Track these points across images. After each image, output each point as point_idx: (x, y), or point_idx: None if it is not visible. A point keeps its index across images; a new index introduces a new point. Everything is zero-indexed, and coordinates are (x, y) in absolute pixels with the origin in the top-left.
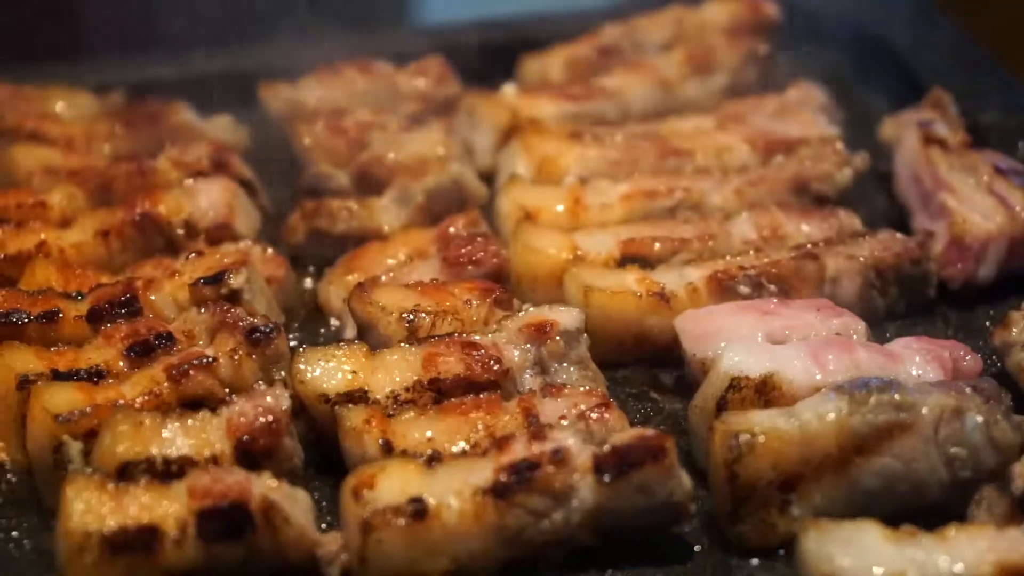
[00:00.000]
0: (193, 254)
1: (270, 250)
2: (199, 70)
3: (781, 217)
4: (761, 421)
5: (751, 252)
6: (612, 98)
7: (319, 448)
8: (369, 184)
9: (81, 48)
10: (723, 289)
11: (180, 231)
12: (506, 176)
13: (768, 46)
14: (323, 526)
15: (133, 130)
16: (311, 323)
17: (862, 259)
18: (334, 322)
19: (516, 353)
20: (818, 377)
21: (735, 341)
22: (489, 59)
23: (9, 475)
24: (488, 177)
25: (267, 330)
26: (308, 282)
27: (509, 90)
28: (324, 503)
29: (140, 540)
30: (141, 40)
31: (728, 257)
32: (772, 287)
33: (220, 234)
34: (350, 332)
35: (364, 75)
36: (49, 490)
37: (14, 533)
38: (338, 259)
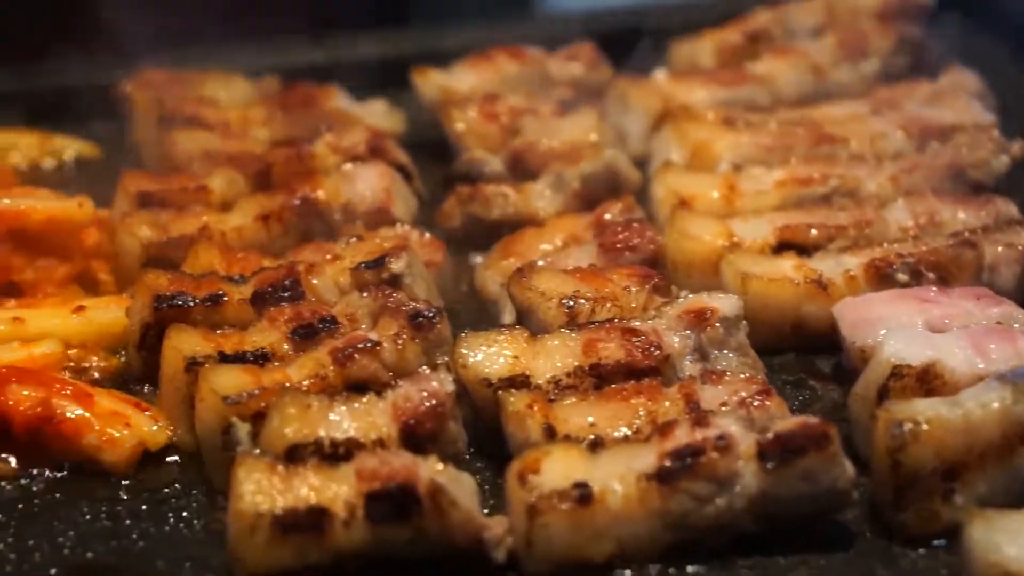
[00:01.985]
0: (354, 238)
1: (427, 235)
2: (349, 55)
3: (937, 204)
4: (924, 410)
5: (908, 240)
6: (763, 84)
7: (479, 432)
8: (522, 170)
9: (234, 33)
10: (881, 277)
11: (338, 216)
12: (659, 162)
13: (919, 30)
14: (485, 510)
15: (289, 115)
16: (468, 307)
17: (1020, 247)
18: (491, 307)
19: (676, 339)
20: (980, 366)
21: (895, 329)
22: (638, 44)
23: (177, 456)
24: (639, 162)
25: (430, 314)
26: (463, 267)
27: (660, 76)
28: (486, 487)
29: (310, 521)
30: (290, 25)
31: (885, 244)
32: (930, 275)
33: (378, 219)
34: (508, 317)
35: (516, 61)
36: (218, 471)
37: (184, 513)
38: (494, 244)
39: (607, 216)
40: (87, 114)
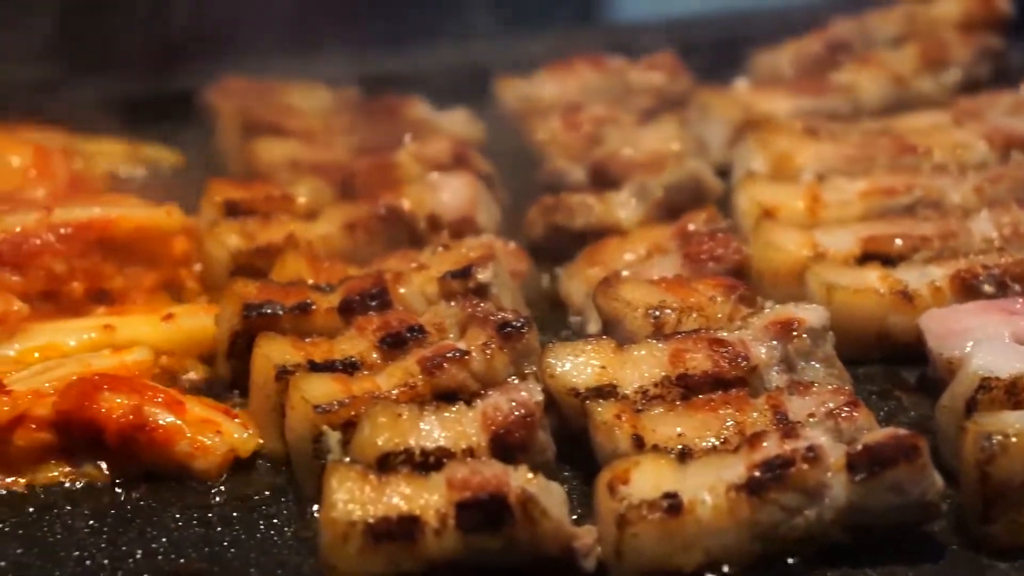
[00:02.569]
0: (440, 248)
1: (512, 244)
2: (427, 63)
3: (1021, 215)
4: (1013, 422)
5: (993, 251)
6: (844, 93)
7: (565, 441)
8: (604, 179)
9: (314, 42)
10: (966, 288)
11: (423, 225)
12: (741, 172)
13: (1001, 40)
14: (572, 518)
15: (371, 124)
16: (552, 317)
17: None
18: (574, 316)
19: (763, 350)
20: None
21: (982, 341)
22: (718, 54)
23: (268, 464)
24: (719, 172)
25: (518, 324)
26: (546, 276)
27: (741, 85)
28: (573, 496)
29: (402, 530)
30: (371, 34)
31: (970, 255)
32: (1016, 286)
33: (463, 228)
34: (593, 326)
35: (597, 70)
36: (308, 479)
37: (275, 520)
38: (577, 253)
39: (691, 226)
40: (171, 122)
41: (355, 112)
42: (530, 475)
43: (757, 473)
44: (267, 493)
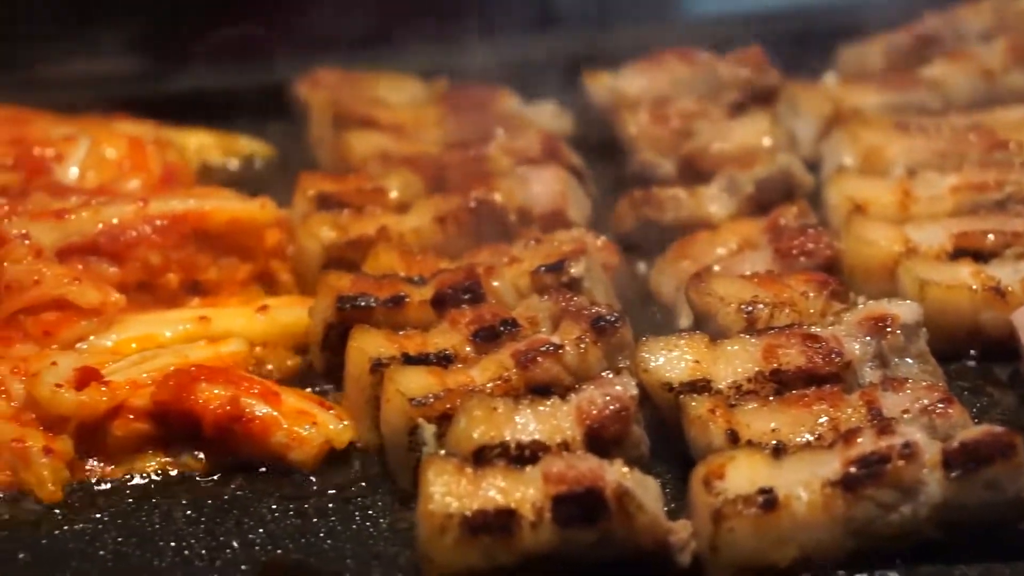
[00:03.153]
0: (532, 241)
1: (602, 237)
2: (514, 56)
3: None
4: None
5: None
6: (934, 88)
7: (657, 435)
8: (694, 173)
9: (403, 33)
10: None
11: (514, 218)
12: (831, 166)
13: None
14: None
15: (460, 117)
16: (642, 310)
17: None
18: (665, 310)
19: (856, 346)
20: None
21: None
22: (805, 47)
23: (361, 455)
24: (809, 167)
25: (612, 319)
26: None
27: (830, 79)
28: (666, 489)
29: (498, 523)
30: (459, 26)
31: None
32: None
33: (553, 221)
34: (684, 321)
35: (685, 63)
36: (402, 471)
37: (370, 511)
38: (665, 247)
39: (782, 221)
40: (262, 114)
41: (444, 104)
42: (625, 469)
43: (853, 469)
44: (362, 484)
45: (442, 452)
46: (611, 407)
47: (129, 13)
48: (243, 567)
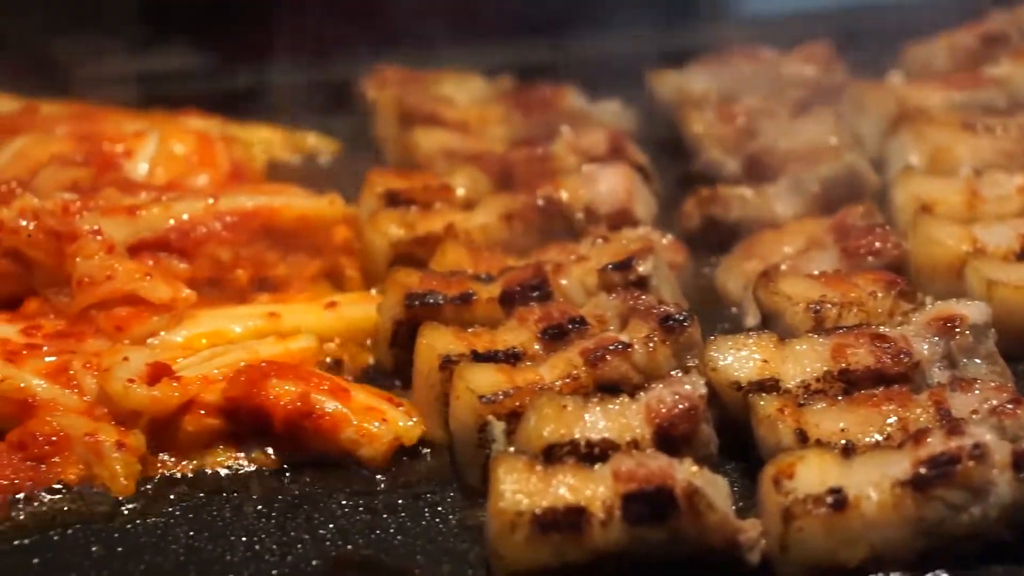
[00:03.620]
0: (599, 239)
1: (669, 236)
2: (575, 53)
3: None
4: None
5: None
6: (1000, 87)
7: (724, 434)
8: (759, 171)
9: (468, 32)
10: None
11: (580, 216)
12: (897, 165)
13: None
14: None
15: (525, 114)
16: (708, 309)
17: None
18: (731, 308)
19: (925, 346)
20: None
21: None
22: (870, 46)
23: (429, 451)
24: (873, 165)
25: (681, 318)
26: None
27: (895, 78)
28: (734, 488)
29: (569, 520)
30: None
31: None
32: None
33: (620, 219)
34: (751, 319)
35: (750, 61)
36: (471, 467)
37: (439, 508)
38: (729, 246)
39: (848, 220)
40: (326, 110)
41: (510, 102)
42: (695, 468)
43: (923, 470)
44: (430, 481)
45: (511, 449)
46: (680, 406)
47: (195, 8)
48: (314, 562)
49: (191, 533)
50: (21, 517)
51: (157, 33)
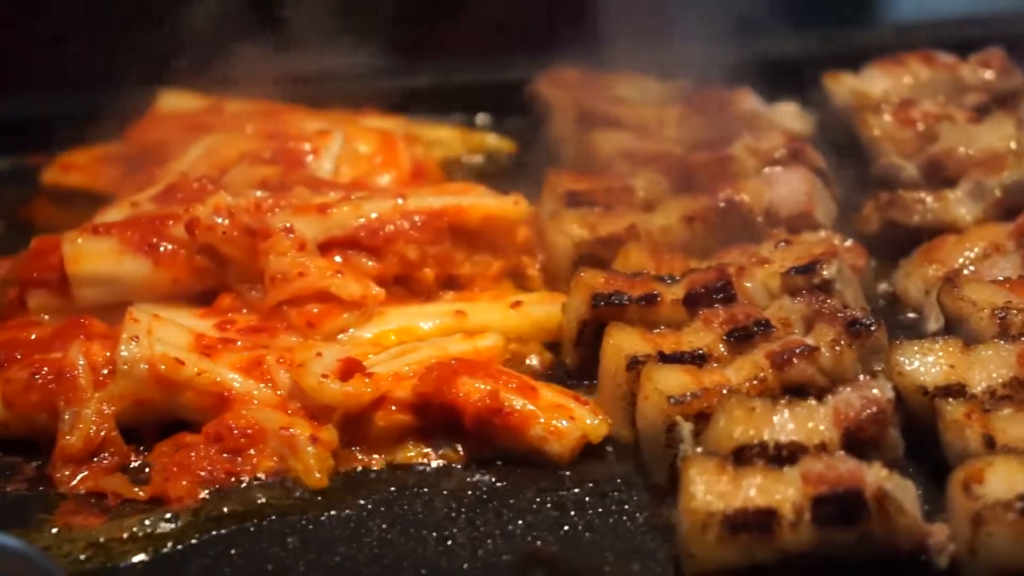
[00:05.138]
0: (782, 243)
1: (850, 239)
2: (752, 55)
3: None
4: None
5: None
6: None
7: (909, 438)
8: (938, 176)
9: (640, 34)
10: None
11: (760, 219)
12: None
13: None
14: None
15: (703, 116)
16: (887, 313)
17: None
18: (911, 313)
19: None
20: None
21: None
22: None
23: (615, 451)
24: None
25: (868, 322)
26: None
27: None
28: (919, 491)
29: (759, 521)
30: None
31: None
32: None
33: (800, 223)
34: (933, 324)
35: (927, 65)
36: (658, 466)
37: (626, 506)
38: (907, 250)
39: None
40: (501, 110)
41: (685, 104)
42: (884, 472)
43: None
44: (616, 479)
45: (699, 450)
46: (869, 410)
47: (376, 9)
48: (504, 556)
49: (383, 526)
50: (219, 508)
51: (340, 33)
